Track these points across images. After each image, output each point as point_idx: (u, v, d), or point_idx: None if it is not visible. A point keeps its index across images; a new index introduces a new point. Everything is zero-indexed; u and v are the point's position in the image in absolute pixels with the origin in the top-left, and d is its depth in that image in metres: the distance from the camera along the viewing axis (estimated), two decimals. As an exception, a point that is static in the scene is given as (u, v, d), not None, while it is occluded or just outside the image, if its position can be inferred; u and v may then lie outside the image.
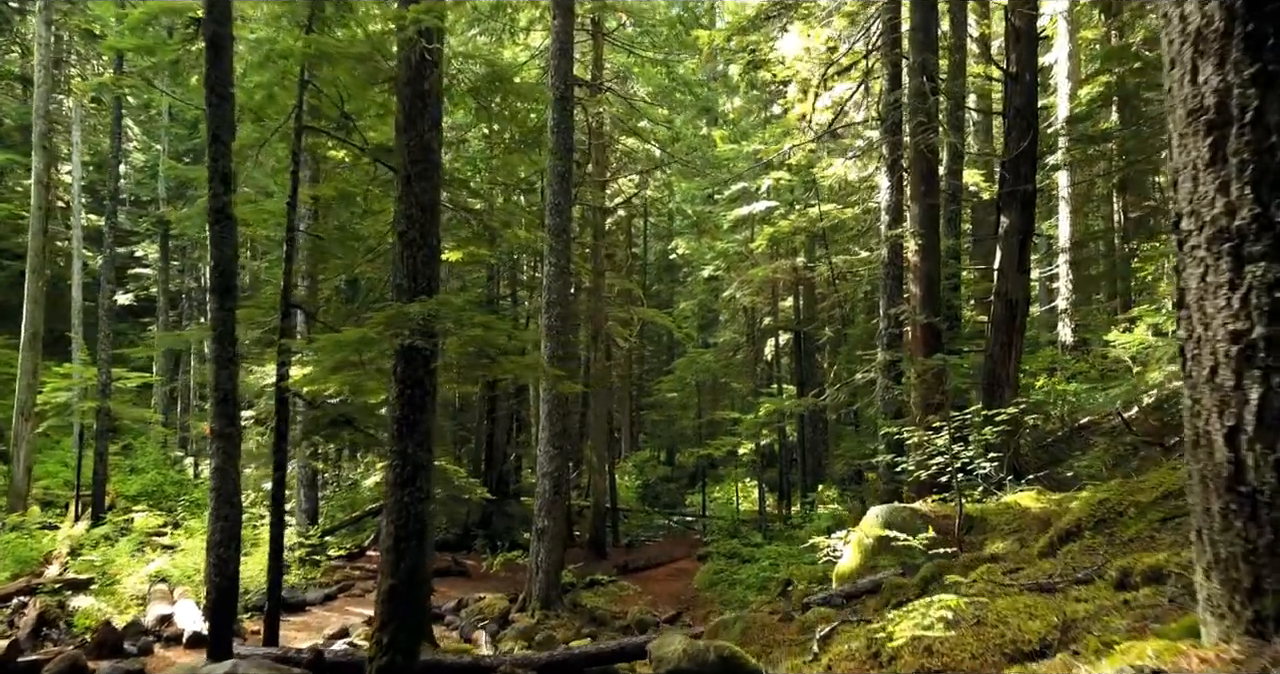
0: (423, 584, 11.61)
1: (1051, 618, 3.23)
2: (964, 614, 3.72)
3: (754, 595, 16.09)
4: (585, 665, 8.28)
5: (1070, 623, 3.11)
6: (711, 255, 25.69)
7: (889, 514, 8.59)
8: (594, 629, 14.16)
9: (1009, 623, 3.37)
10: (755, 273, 22.70)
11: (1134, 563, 3.49)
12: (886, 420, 12.85)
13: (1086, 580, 4.02)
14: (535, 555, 14.29)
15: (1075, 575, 4.25)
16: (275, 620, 8.85)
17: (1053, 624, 3.16)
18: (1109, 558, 4.57)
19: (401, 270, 7.02)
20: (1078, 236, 23.76)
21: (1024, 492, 8.97)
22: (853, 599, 7.74)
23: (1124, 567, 3.51)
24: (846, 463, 19.18)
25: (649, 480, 33.20)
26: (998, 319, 12.37)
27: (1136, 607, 3.12)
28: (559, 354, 14.44)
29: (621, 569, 19.44)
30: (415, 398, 6.92)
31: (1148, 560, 3.45)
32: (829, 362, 26.54)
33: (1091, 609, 3.24)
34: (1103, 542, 5.06)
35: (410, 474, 6.87)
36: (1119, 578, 3.49)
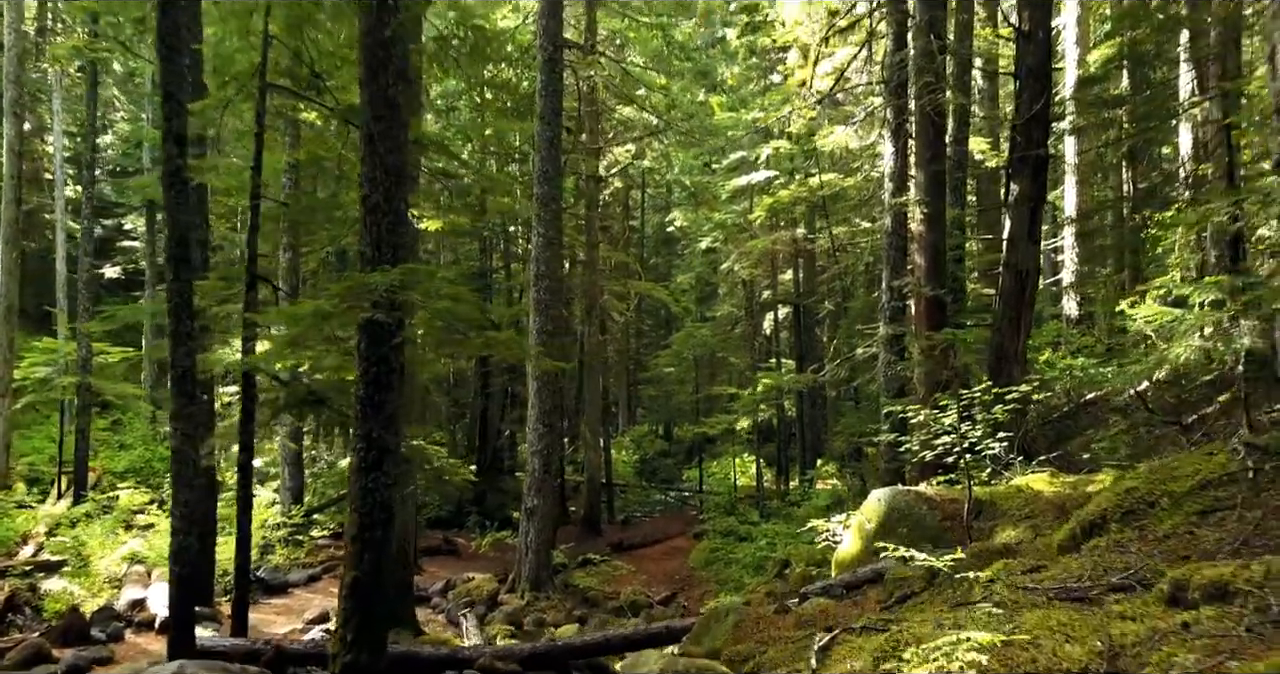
0: (406, 568, 11.17)
1: (1093, 642, 2.72)
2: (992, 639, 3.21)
3: (750, 576, 15.67)
4: (569, 658, 7.82)
5: (1118, 650, 2.60)
6: (709, 227, 25.06)
7: (892, 498, 8.09)
8: (585, 611, 13.75)
9: (1041, 646, 2.86)
10: (754, 245, 22.08)
11: (1190, 575, 2.97)
12: (889, 398, 12.33)
13: (1124, 588, 3.51)
14: (525, 535, 13.85)
15: (1109, 580, 3.74)
16: (243, 609, 8.37)
17: (1095, 651, 2.65)
18: (1144, 558, 4.05)
19: (365, 238, 6.45)
20: (1085, 207, 23.12)
21: (1035, 474, 8.46)
22: (853, 589, 7.26)
23: (1178, 579, 2.99)
24: (846, 440, 18.67)
25: (646, 455, 32.81)
26: (1006, 291, 11.81)
27: (1201, 633, 2.61)
28: (548, 329, 13.90)
29: (616, 547, 19.04)
30: (381, 377, 6.38)
31: (1208, 573, 2.92)
32: (829, 336, 25.99)
33: (1142, 632, 2.73)
34: (1133, 536, 4.55)
35: (375, 459, 6.35)
36: (1171, 592, 2.97)
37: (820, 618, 6.55)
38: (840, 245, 20.75)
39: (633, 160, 24.27)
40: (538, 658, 7.72)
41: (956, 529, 7.64)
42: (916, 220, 12.24)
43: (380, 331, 6.35)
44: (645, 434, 35.44)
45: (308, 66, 8.93)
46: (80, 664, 9.04)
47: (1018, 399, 8.06)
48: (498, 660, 7.58)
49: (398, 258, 6.42)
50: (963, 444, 7.76)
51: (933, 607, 4.81)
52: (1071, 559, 4.54)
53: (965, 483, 8.56)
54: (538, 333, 13.87)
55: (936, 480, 9.27)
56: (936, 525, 7.71)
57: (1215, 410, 9.46)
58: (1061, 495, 7.40)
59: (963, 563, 6.23)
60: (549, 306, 13.90)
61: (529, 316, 14.08)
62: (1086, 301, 23.22)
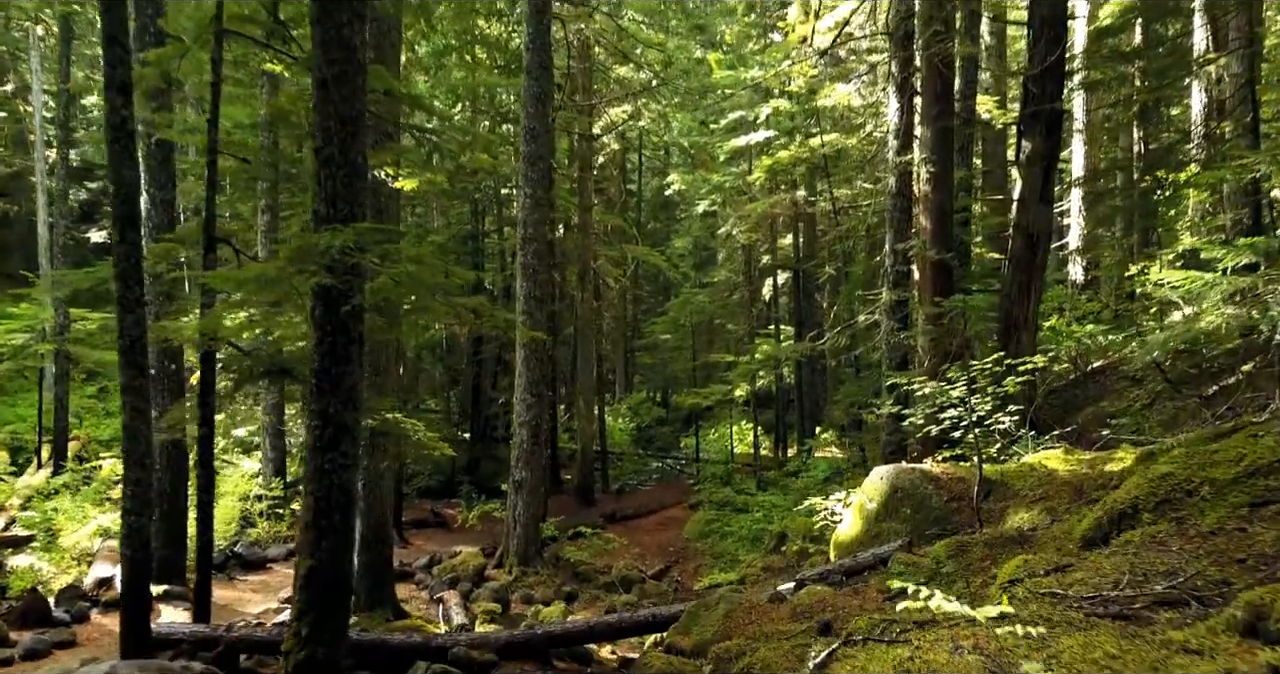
0: (384, 544, 10.69)
1: (1154, 686, 2.20)
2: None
3: (746, 550, 15.25)
4: (551, 646, 7.35)
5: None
6: (707, 189, 24.34)
7: (895, 477, 7.57)
8: (575, 587, 13.33)
9: (1087, 687, 2.34)
10: (753, 208, 21.41)
11: (1272, 599, 2.44)
12: (891, 367, 11.78)
13: (1175, 602, 2.99)
14: (513, 509, 13.39)
15: (1153, 588, 3.22)
16: (205, 592, 7.88)
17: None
18: (1190, 560, 3.52)
19: (319, 194, 5.84)
20: (1094, 168, 22.40)
21: (1047, 450, 7.93)
22: (853, 576, 6.76)
23: (1256, 604, 2.46)
24: (846, 409, 18.18)
25: (642, 423, 32.38)
26: (1016, 255, 11.20)
27: (1300, 687, 2.10)
28: (536, 295, 13.32)
29: (609, 518, 18.62)
30: (338, 347, 5.81)
31: (1296, 599, 2.40)
32: (829, 302, 25.41)
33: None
34: (1172, 531, 4.01)
35: (333, 437, 5.80)
36: (1248, 619, 2.44)
37: (817, 609, 6.05)
38: (841, 208, 20.08)
39: (629, 121, 23.49)
40: (516, 646, 7.25)
41: (964, 511, 7.13)
42: (922, 180, 11.62)
43: (336, 298, 5.78)
44: (642, 401, 34.97)
45: (268, 11, 8.25)
46: (39, 648, 8.61)
47: (1031, 371, 7.51)
48: (473, 649, 7.11)
49: (355, 216, 5.82)
50: (971, 418, 7.21)
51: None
52: (1101, 556, 4.01)
53: (974, 460, 8.04)
54: (525, 299, 13.29)
55: (941, 455, 8.74)
56: (942, 507, 7.20)
57: (1238, 381, 8.92)
58: (1078, 475, 6.88)
59: (974, 551, 5.72)
60: (537, 271, 13.30)
61: (516, 282, 13.48)
62: (1092, 266, 22.64)
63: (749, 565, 14.13)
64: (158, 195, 11.01)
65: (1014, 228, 11.40)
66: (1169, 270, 8.53)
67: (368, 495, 10.35)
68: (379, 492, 10.40)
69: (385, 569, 10.55)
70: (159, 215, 11.01)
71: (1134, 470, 6.01)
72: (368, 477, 10.36)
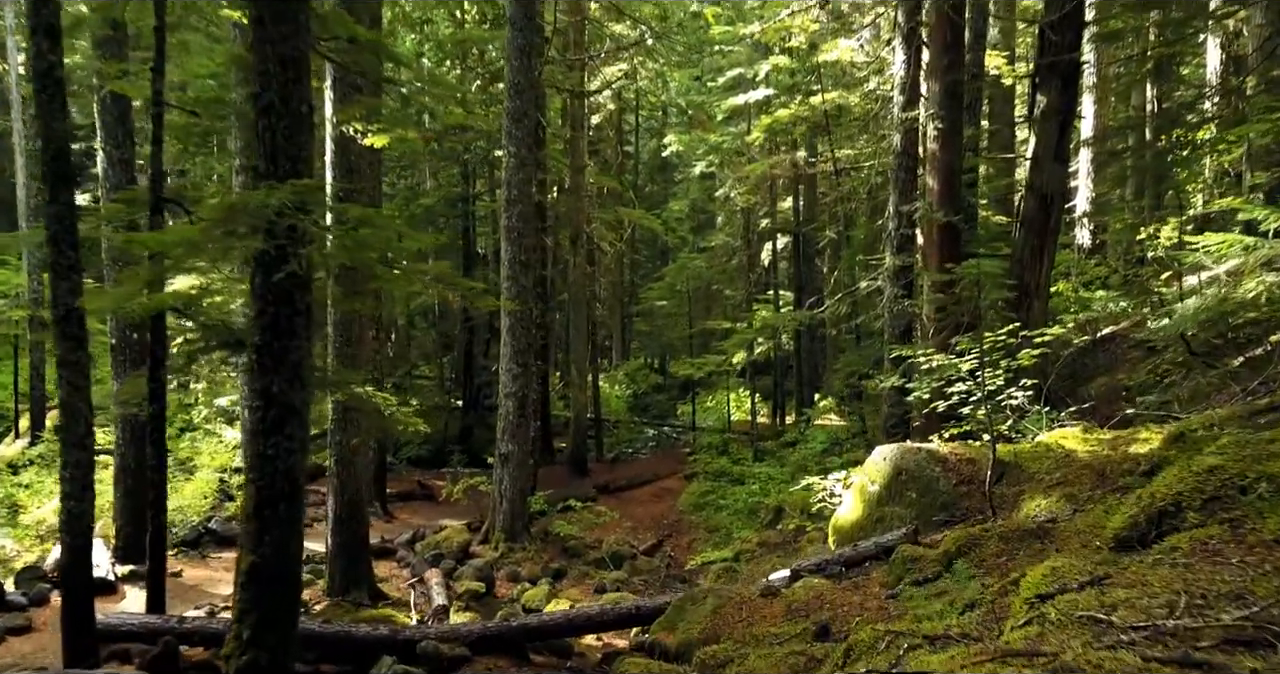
0: (360, 523, 10.16)
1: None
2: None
3: (742, 524, 14.77)
4: (526, 640, 6.83)
5: None
6: (704, 150, 23.53)
7: (900, 458, 7.00)
8: (564, 563, 12.86)
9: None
10: (752, 169, 20.67)
11: None
12: (894, 336, 11.18)
13: (1253, 642, 2.42)
14: (499, 483, 12.88)
15: (1218, 617, 2.65)
16: (159, 581, 7.37)
17: None
18: (1256, 577, 2.94)
19: (259, 148, 5.19)
20: (1104, 127, 21.59)
21: (1064, 428, 7.35)
22: (853, 567, 6.22)
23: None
24: (846, 378, 17.62)
25: (639, 390, 31.88)
26: (1029, 217, 10.56)
27: None
28: (522, 259, 12.67)
29: (602, 489, 18.14)
30: (281, 320, 5.20)
31: None
32: (829, 266, 24.75)
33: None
34: (1226, 537, 3.44)
35: (277, 419, 5.22)
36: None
37: (814, 606, 5.52)
38: (843, 169, 19.33)
39: (624, 80, 22.65)
40: (490, 640, 6.74)
41: (974, 496, 6.58)
42: (930, 138, 10.92)
43: (275, 265, 5.15)
44: (639, 368, 34.42)
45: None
46: (-10, 634, 8.13)
47: (1049, 343, 6.90)
48: (444, 643, 6.60)
49: (299, 172, 5.17)
50: (984, 397, 6.62)
51: (957, 629, 3.73)
52: (1143, 565, 3.44)
53: (987, 441, 7.48)
54: (510, 264, 12.65)
55: (948, 432, 8.15)
56: (950, 491, 6.64)
57: (1267, 353, 8.33)
58: (1099, 457, 6.31)
59: (988, 545, 5.16)
60: (522, 235, 12.64)
61: (501, 246, 12.84)
62: (1100, 230, 21.94)
63: (744, 541, 13.66)
64: (114, 154, 10.34)
65: (1026, 188, 10.74)
66: (1204, 234, 7.87)
67: (341, 472, 9.82)
68: (354, 469, 9.85)
69: (361, 548, 10.04)
70: (116, 175, 10.35)
71: (1166, 455, 5.44)
72: (340, 453, 9.82)
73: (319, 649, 6.86)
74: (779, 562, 11.58)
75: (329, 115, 9.45)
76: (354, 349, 9.77)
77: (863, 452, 14.86)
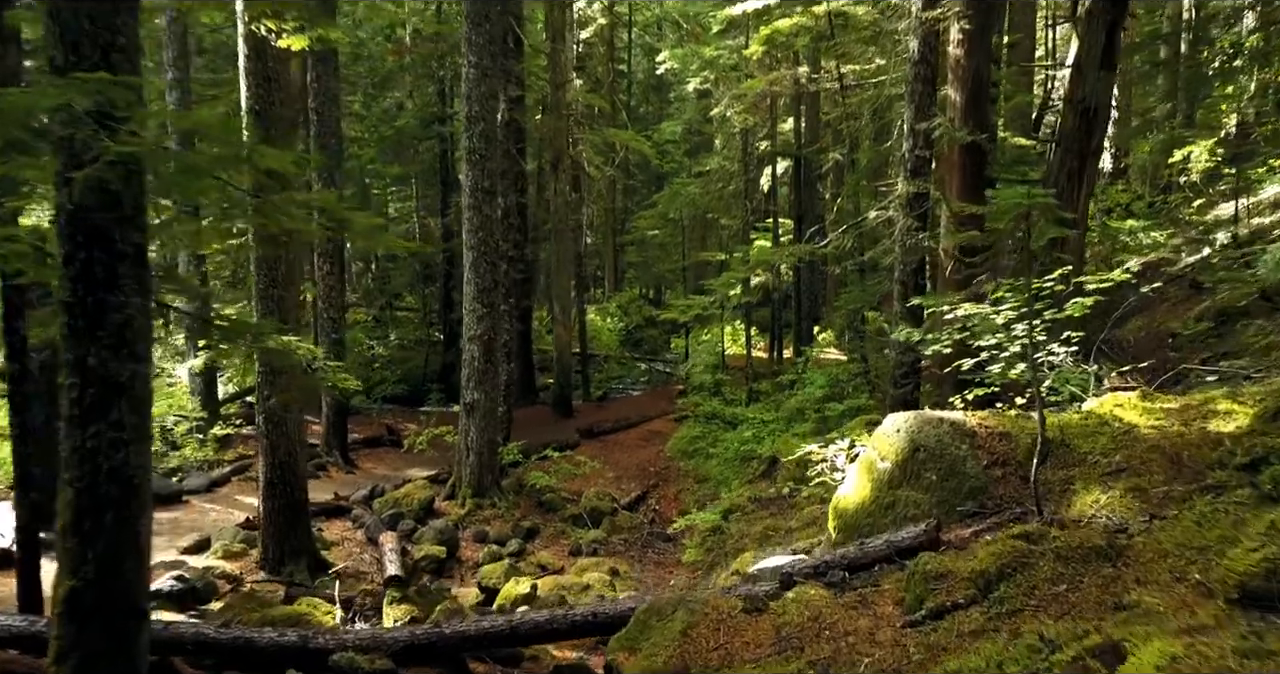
0: (297, 490, 8.97)
1: None
2: None
3: (733, 473, 13.65)
4: (461, 649, 5.67)
5: None
6: (698, 65, 21.72)
7: (917, 430, 5.73)
8: (538, 520, 11.77)
9: None
10: (750, 86, 18.96)
11: None
12: (905, 276, 9.81)
13: None
14: (465, 434, 11.69)
15: None
16: (30, 571, 6.17)
17: None
18: None
19: (48, 31, 3.76)
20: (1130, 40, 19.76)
21: (1117, 393, 6.06)
22: (859, 572, 5.00)
23: None
24: (849, 316, 16.34)
25: (632, 323, 30.60)
26: (1066, 134, 9.10)
27: None
28: (485, 185, 11.22)
29: (586, 433, 17.01)
30: (96, 267, 3.85)
31: None
32: (832, 192, 23.19)
33: None
34: None
35: (98, 401, 3.92)
36: None
37: (810, 634, 4.32)
38: (849, 86, 17.64)
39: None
40: (419, 650, 5.58)
41: (1009, 481, 5.32)
42: (953, 41, 9.36)
43: (94, 193, 3.78)
44: (633, 300, 33.04)
45: None
46: None
47: (1103, 290, 5.55)
48: (363, 654, 5.45)
49: (113, 65, 3.75)
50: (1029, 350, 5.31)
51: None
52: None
53: (1021, 408, 6.21)
54: (472, 191, 11.21)
55: (970, 393, 6.85)
56: (980, 474, 5.39)
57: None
58: (1169, 436, 5.04)
59: (1040, 566, 3.92)
60: (486, 158, 11.16)
61: (463, 171, 11.38)
62: (1123, 154, 20.36)
63: (736, 495, 12.57)
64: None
65: (1065, 101, 9.26)
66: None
67: (271, 431, 8.60)
68: (285, 427, 8.62)
69: (298, 515, 8.88)
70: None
71: (1273, 441, 4.17)
72: (268, 410, 8.58)
73: (218, 656, 5.72)
74: (770, 524, 10.47)
75: (240, 9, 7.92)
76: (281, 291, 8.44)
77: (865, 397, 13.69)
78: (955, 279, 9.32)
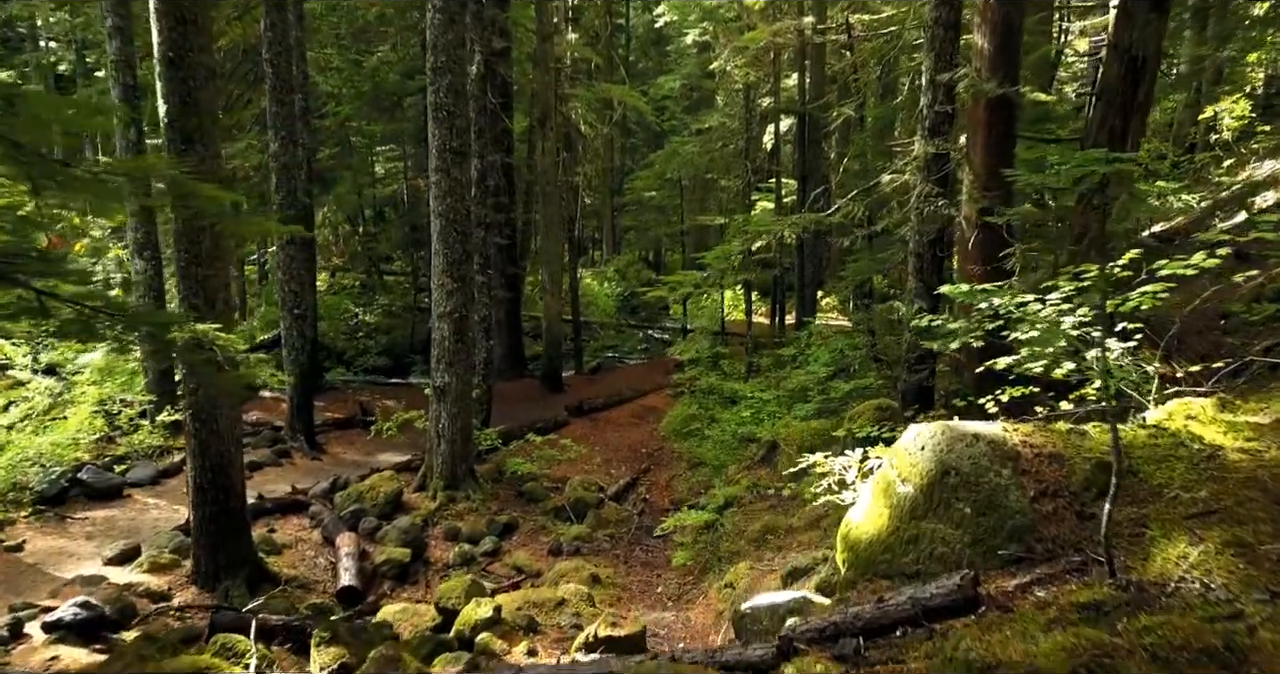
0: (229, 495, 7.97)
1: None
2: None
3: (731, 456, 12.64)
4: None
5: None
6: (697, 16, 20.34)
7: (945, 447, 4.67)
8: (516, 514, 10.80)
9: None
10: (751, 38, 17.63)
11: None
12: (922, 247, 8.70)
13: None
14: (435, 421, 10.68)
15: None
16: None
17: None
18: None
19: None
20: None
21: (1187, 401, 4.99)
22: (875, 636, 3.97)
23: None
24: (854, 286, 15.22)
25: (630, 288, 29.48)
26: (1109, 87, 7.92)
27: None
28: (454, 145, 10.06)
29: (576, 410, 16.02)
30: None
31: None
32: (838, 151, 21.87)
33: None
34: None
35: None
36: None
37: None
38: (858, 37, 16.34)
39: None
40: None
41: (1064, 519, 4.27)
42: (982, -21, 8.15)
43: None
44: (631, 263, 31.88)
45: None
46: None
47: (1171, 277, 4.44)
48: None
49: None
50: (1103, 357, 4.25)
51: None
52: None
53: (1074, 419, 5.16)
54: (439, 151, 10.06)
55: (1005, 393, 5.77)
56: (1025, 508, 4.33)
57: None
58: (1268, 463, 3.99)
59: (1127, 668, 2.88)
60: (454, 114, 9.98)
61: (428, 128, 10.21)
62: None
63: (732, 480, 11.60)
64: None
65: (1109, 49, 8.05)
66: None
67: (200, 430, 7.57)
68: (217, 424, 7.58)
69: (235, 522, 7.87)
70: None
71: None
72: (196, 406, 7.54)
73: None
74: (769, 522, 9.47)
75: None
76: (205, 270, 7.34)
77: (873, 376, 12.62)
78: (979, 252, 8.22)
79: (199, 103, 7.17)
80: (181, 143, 7.16)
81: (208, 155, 7.27)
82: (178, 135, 7.14)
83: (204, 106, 7.23)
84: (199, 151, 7.18)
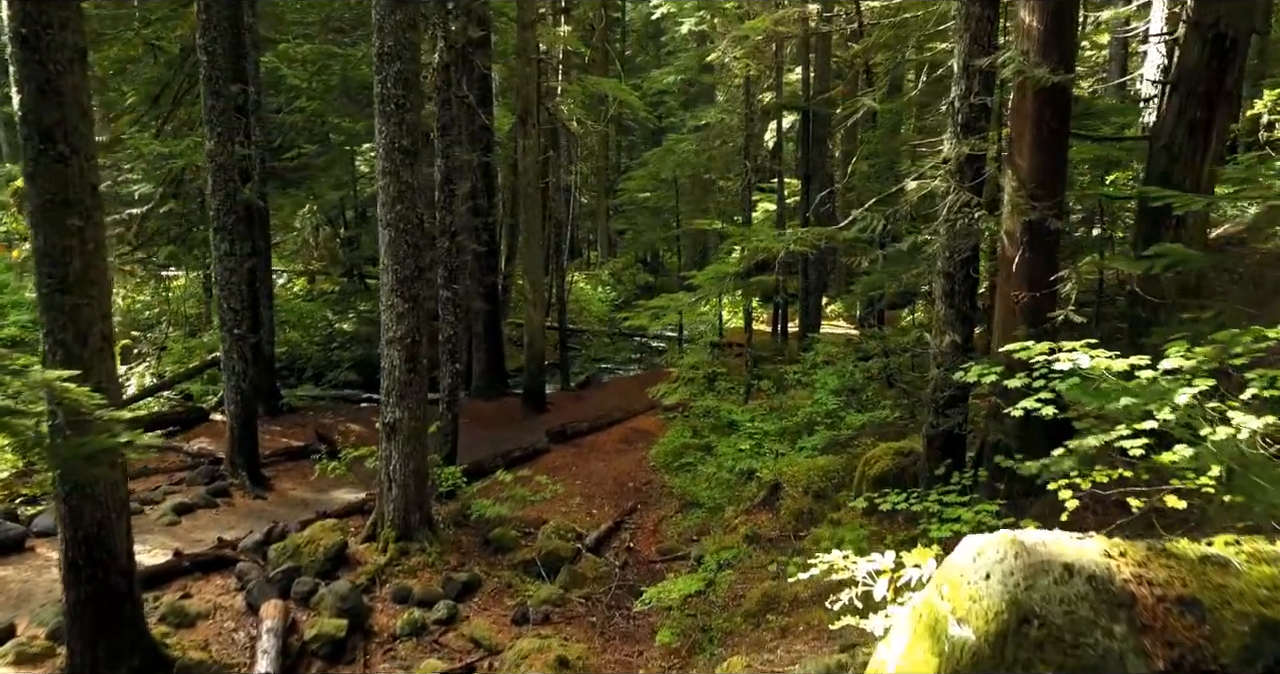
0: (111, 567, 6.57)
1: None
2: None
3: (727, 495, 11.22)
4: None
5: None
6: (694, 3, 18.90)
7: (1020, 579, 3.25)
8: (479, 569, 9.36)
9: None
10: (752, 26, 16.20)
11: None
12: (951, 266, 7.28)
13: None
14: (386, 462, 9.28)
15: None
16: None
17: None
18: None
19: None
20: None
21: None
22: None
23: None
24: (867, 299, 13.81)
25: (626, 293, 28.10)
26: (1189, 73, 6.52)
27: None
28: (404, 144, 8.65)
29: (558, 435, 14.61)
30: None
31: None
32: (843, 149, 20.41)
33: None
34: None
35: None
36: None
37: None
38: (869, 24, 14.91)
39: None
40: None
41: (1217, 714, 2.85)
42: (1027, -55, 6.71)
43: None
44: (627, 265, 30.47)
45: None
46: None
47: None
48: None
49: None
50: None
51: None
52: None
53: (1256, 563, 3.72)
54: (388, 151, 8.65)
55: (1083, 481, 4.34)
56: (1151, 687, 2.92)
57: None
58: None
59: None
60: (403, 107, 8.56)
61: (375, 124, 8.80)
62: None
63: (729, 526, 10.21)
64: None
65: (1189, 29, 6.63)
66: None
67: (70, 495, 6.16)
68: (92, 488, 6.17)
69: (118, 603, 6.45)
70: None
71: None
72: (66, 464, 6.11)
73: None
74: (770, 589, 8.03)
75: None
76: (76, 298, 5.93)
77: (889, 408, 11.21)
78: (1025, 274, 6.78)
79: (61, 92, 5.78)
80: (41, 141, 5.77)
81: (74, 156, 5.87)
82: (35, 131, 5.75)
83: (69, 96, 5.84)
84: (61, 151, 5.78)
